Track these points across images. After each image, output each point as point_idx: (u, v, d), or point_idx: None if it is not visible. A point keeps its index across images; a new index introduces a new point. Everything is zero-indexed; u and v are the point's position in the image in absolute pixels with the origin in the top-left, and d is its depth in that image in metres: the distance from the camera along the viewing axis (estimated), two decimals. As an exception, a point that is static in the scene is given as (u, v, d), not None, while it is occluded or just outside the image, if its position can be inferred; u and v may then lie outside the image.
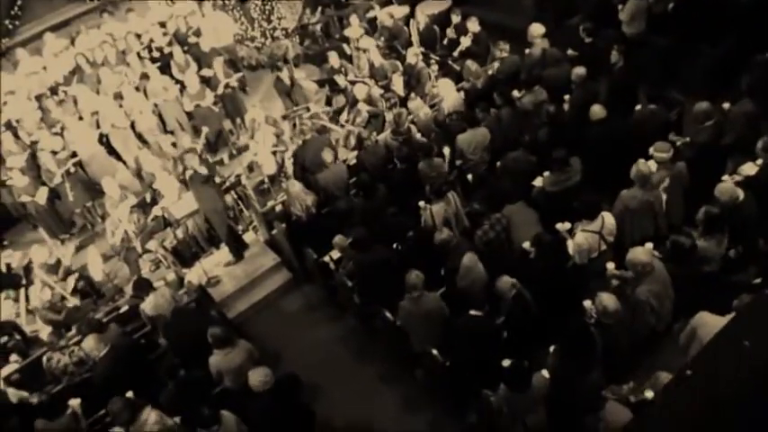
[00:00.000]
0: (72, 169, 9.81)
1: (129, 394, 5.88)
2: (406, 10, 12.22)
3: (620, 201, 6.13)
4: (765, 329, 2.67)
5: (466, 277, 5.99)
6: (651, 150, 6.25)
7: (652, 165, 6.23)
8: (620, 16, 8.96)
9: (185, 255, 8.78)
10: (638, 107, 7.39)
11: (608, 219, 5.98)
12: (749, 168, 6.21)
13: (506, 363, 5.15)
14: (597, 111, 7.08)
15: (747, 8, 7.98)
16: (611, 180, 6.41)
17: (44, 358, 6.85)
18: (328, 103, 10.50)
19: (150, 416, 5.47)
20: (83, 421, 6.15)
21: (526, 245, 6.19)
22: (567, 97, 8.04)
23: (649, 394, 4.61)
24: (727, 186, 5.67)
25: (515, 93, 8.38)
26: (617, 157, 6.56)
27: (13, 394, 6.41)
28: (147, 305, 6.81)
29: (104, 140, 10.51)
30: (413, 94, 9.78)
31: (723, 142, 6.68)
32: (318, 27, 12.90)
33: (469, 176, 7.82)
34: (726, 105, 6.85)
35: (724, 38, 8.23)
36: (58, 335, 7.03)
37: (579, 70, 7.79)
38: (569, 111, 7.91)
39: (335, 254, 7.26)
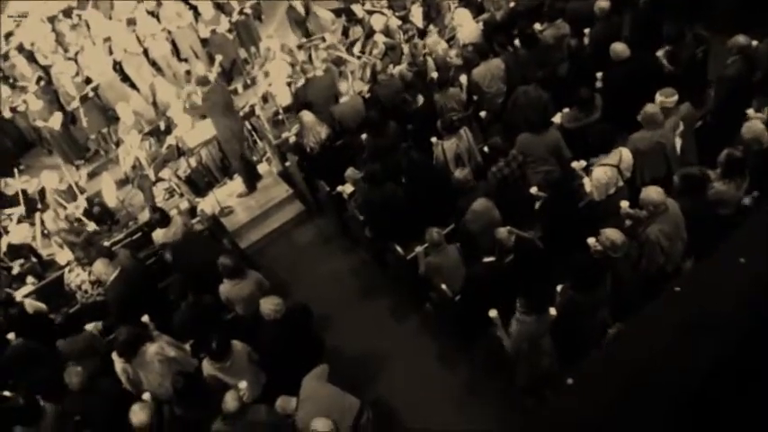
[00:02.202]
0: (90, 94, 9.76)
1: (145, 318, 6.00)
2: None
3: (631, 143, 6.02)
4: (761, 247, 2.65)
5: (476, 221, 5.92)
6: (657, 96, 6.07)
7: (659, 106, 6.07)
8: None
9: (199, 184, 8.81)
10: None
11: (625, 153, 5.87)
12: (774, 110, 6.02)
13: (492, 313, 5.16)
14: (620, 50, 6.83)
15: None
16: (631, 119, 6.25)
17: (66, 269, 6.99)
18: (345, 33, 10.26)
19: (150, 348, 5.57)
20: (102, 340, 6.33)
21: (534, 190, 6.12)
22: (586, 31, 7.76)
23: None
24: (755, 126, 5.49)
25: (537, 26, 8.13)
26: (637, 96, 6.38)
27: (30, 304, 6.57)
28: (159, 233, 6.86)
29: (118, 67, 10.41)
30: (432, 26, 9.53)
31: (752, 79, 6.46)
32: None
33: (482, 113, 7.67)
34: (754, 42, 6.59)
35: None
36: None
37: (603, 3, 7.48)
38: (590, 45, 7.64)
39: (349, 187, 7.23)
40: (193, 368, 5.59)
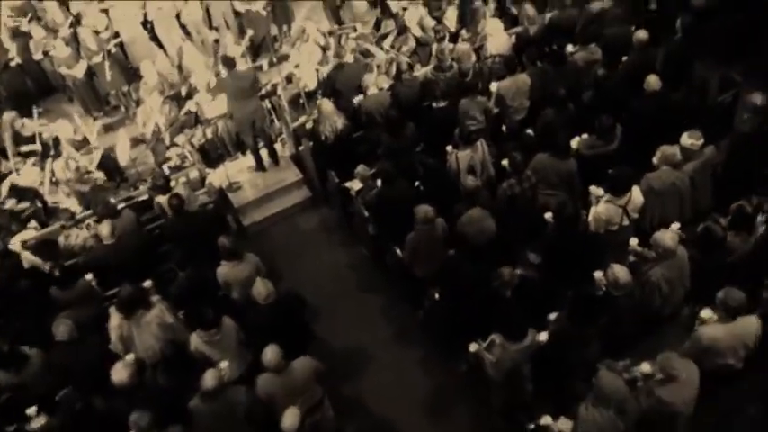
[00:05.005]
0: (113, 50, 9.74)
1: (148, 283, 6.07)
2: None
3: (645, 181, 5.99)
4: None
5: (471, 225, 5.86)
6: (684, 136, 6.02)
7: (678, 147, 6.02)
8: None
9: (211, 155, 8.79)
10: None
11: (635, 195, 5.84)
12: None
13: (473, 347, 5.21)
14: (652, 81, 6.77)
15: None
16: (650, 154, 6.22)
17: (61, 237, 7.00)
18: (377, 25, 10.20)
19: (151, 310, 5.65)
20: (98, 293, 6.37)
21: (548, 215, 6.07)
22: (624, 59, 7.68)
23: (645, 368, 4.64)
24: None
25: (570, 47, 8.08)
26: (660, 131, 6.35)
27: (27, 259, 6.59)
28: (162, 199, 6.88)
29: (149, 26, 10.39)
30: (464, 32, 9.48)
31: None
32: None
33: (503, 127, 7.64)
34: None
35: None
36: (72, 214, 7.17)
37: (641, 34, 7.40)
38: (621, 74, 7.56)
39: (357, 183, 7.20)
40: (186, 339, 5.61)
